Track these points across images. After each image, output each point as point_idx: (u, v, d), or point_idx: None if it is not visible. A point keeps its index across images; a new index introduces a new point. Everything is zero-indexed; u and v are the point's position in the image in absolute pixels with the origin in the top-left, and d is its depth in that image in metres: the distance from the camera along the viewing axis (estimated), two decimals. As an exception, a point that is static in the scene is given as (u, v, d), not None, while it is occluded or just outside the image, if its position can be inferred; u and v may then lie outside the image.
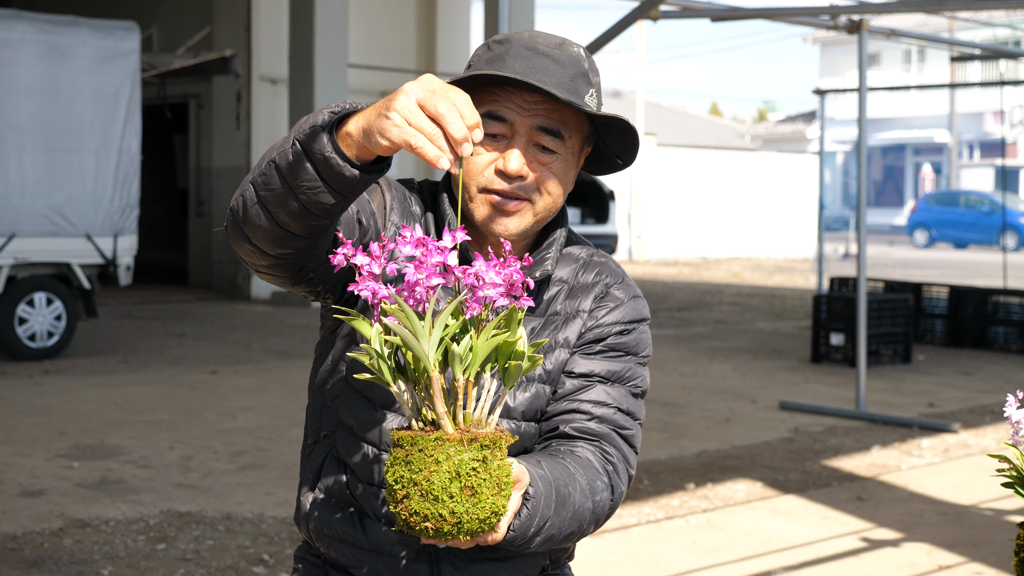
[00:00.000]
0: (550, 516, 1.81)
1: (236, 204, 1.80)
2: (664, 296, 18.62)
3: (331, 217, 1.76)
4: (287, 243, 1.78)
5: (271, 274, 1.88)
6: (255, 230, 1.78)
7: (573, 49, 1.96)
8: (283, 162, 1.71)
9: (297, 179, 1.70)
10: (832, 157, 45.06)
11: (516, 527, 1.76)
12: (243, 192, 1.79)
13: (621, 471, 1.97)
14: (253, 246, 1.81)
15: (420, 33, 19.24)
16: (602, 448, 1.96)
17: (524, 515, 1.76)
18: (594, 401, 1.99)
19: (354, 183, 1.70)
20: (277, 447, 7.44)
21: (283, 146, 1.72)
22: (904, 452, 7.77)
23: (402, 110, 1.60)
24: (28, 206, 10.78)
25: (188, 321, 14.00)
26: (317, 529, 2.03)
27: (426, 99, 1.61)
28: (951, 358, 12.14)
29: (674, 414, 8.80)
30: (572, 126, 1.97)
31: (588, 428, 1.97)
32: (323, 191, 1.70)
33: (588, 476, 1.90)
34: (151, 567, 5.17)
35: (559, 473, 1.85)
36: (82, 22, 11.33)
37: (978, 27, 34.46)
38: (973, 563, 5.49)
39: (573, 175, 2.01)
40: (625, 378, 2.03)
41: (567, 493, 1.84)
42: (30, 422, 8.06)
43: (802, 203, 31.03)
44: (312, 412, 2.08)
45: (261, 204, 1.75)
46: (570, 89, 1.91)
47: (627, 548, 5.65)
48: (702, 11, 8.58)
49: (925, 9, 9.99)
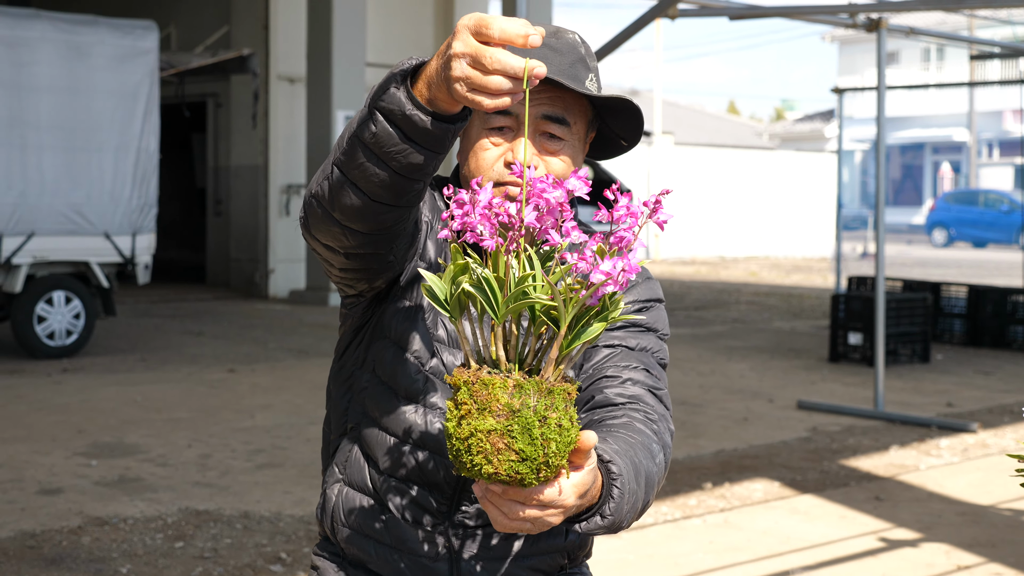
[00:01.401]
0: (636, 490, 1.75)
1: (320, 190, 1.78)
2: (681, 295, 18.59)
3: (424, 177, 1.73)
4: (381, 215, 1.77)
5: (359, 256, 1.86)
6: (346, 211, 1.77)
7: (568, 36, 1.99)
8: (365, 133, 1.68)
9: (383, 145, 1.67)
10: (850, 156, 44.93)
11: (612, 510, 1.69)
12: (327, 176, 1.77)
13: (664, 429, 1.95)
14: (343, 227, 1.80)
15: (437, 32, 19.23)
16: (644, 411, 1.94)
17: (616, 495, 1.69)
18: (624, 366, 1.99)
19: (440, 136, 1.66)
20: (295, 445, 7.45)
21: (361, 119, 1.70)
22: (922, 452, 7.74)
23: (458, 71, 1.55)
24: (47, 205, 10.82)
25: (206, 320, 14.04)
26: (340, 522, 2.04)
27: (478, 53, 1.54)
28: (970, 358, 12.09)
29: (691, 413, 8.79)
30: (576, 112, 1.98)
31: (624, 393, 1.95)
32: (410, 151, 1.67)
33: (643, 440, 1.87)
34: (169, 565, 5.18)
35: (623, 445, 1.81)
36: (101, 21, 11.37)
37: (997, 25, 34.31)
38: (992, 563, 5.46)
39: (581, 160, 2.03)
40: (649, 348, 2.04)
41: (639, 462, 1.79)
42: (49, 420, 8.09)
43: (820, 202, 30.94)
44: (336, 407, 2.09)
45: (351, 182, 1.73)
46: (570, 75, 1.93)
47: (644, 547, 5.64)
48: (720, 9, 8.56)
49: (944, 7, 9.95)
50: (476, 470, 1.53)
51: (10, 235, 10.57)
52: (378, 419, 2.00)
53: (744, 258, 29.40)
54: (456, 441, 1.53)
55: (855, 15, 8.83)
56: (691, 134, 36.60)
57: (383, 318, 2.02)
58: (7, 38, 10.61)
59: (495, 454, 1.51)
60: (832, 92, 15.57)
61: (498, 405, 1.51)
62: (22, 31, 10.71)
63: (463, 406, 1.53)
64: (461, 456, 1.53)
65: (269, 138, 17.21)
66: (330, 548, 2.10)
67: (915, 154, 47.22)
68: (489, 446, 1.51)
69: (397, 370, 1.98)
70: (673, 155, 28.89)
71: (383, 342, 2.01)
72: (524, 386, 1.53)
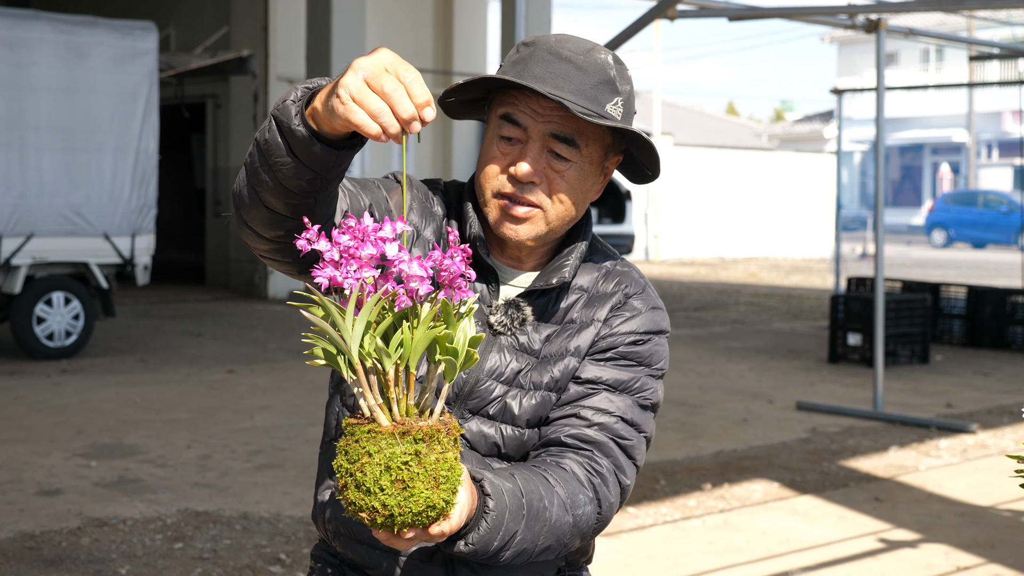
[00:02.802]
0: (518, 530, 1.76)
1: (235, 187, 1.79)
2: (681, 296, 18.59)
3: (311, 196, 1.71)
4: (277, 224, 1.76)
5: (272, 259, 1.86)
6: (249, 212, 1.77)
7: (599, 56, 1.90)
8: (262, 139, 1.69)
9: (272, 155, 1.68)
10: (850, 157, 44.93)
11: (475, 540, 1.71)
12: (239, 174, 1.78)
13: (611, 484, 1.91)
14: (251, 229, 1.81)
15: (437, 33, 19.24)
16: (592, 459, 1.91)
17: (483, 529, 1.71)
18: (596, 408, 1.94)
19: (324, 159, 1.66)
20: (294, 446, 7.45)
21: (267, 125, 1.70)
22: (922, 453, 7.74)
23: (349, 86, 1.57)
24: (46, 206, 10.83)
25: (205, 320, 14.04)
26: (333, 528, 2.03)
27: (373, 76, 1.57)
28: (969, 358, 12.09)
29: (691, 414, 8.79)
30: (589, 135, 1.92)
31: (585, 435, 1.91)
32: (294, 166, 1.67)
33: (569, 489, 1.85)
34: (168, 566, 5.18)
35: (534, 486, 1.80)
36: (100, 22, 11.37)
37: (997, 26, 34.34)
38: (991, 564, 5.47)
39: (593, 184, 1.96)
40: (633, 388, 1.97)
41: (541, 507, 1.79)
42: (48, 421, 8.09)
43: (819, 203, 30.94)
44: (330, 410, 2.09)
45: (249, 184, 1.74)
46: (589, 97, 1.87)
47: (644, 548, 5.64)
48: (719, 10, 8.56)
49: (943, 8, 9.95)
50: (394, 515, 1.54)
51: (9, 236, 10.57)
52: None
53: (743, 259, 29.40)
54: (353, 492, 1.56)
55: (854, 16, 8.83)
56: (690, 135, 36.62)
57: None
58: (6, 39, 10.61)
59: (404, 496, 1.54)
60: (831, 93, 15.57)
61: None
62: (22, 32, 10.71)
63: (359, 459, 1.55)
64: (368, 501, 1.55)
65: (268, 139, 17.19)
66: (328, 550, 2.10)
67: (914, 155, 47.22)
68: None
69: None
70: (672, 156, 28.89)
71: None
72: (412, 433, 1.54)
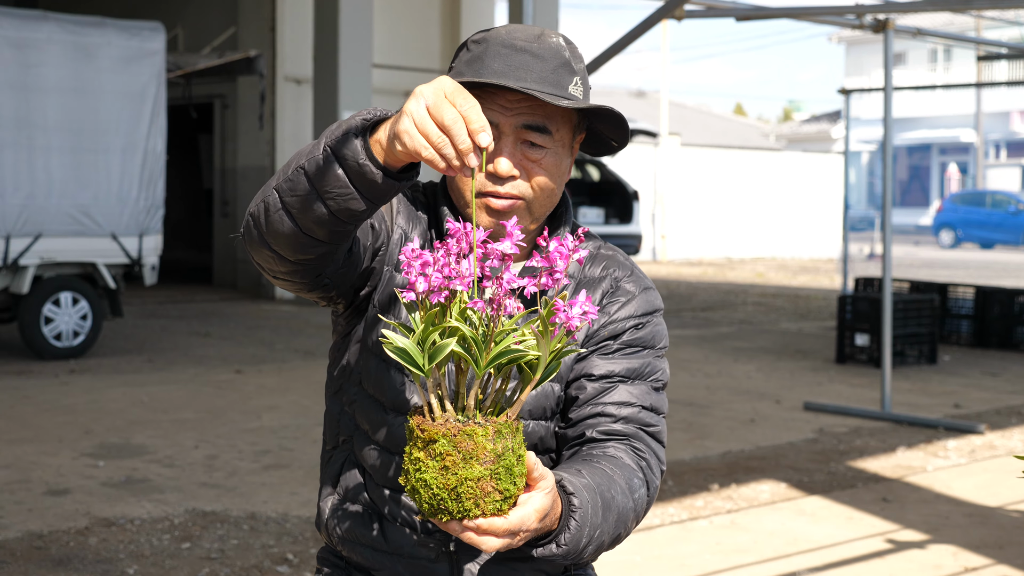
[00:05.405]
0: (599, 524, 1.78)
1: (257, 210, 1.78)
2: (688, 296, 18.58)
3: (357, 223, 1.74)
4: (309, 249, 1.77)
5: (288, 280, 1.86)
6: (277, 236, 1.77)
7: (552, 40, 1.94)
8: (312, 168, 1.69)
9: (327, 185, 1.68)
10: (857, 157, 44.89)
11: (567, 540, 1.74)
12: (265, 198, 1.77)
13: (654, 466, 1.96)
14: (273, 252, 1.80)
15: (444, 33, 19.25)
16: (632, 445, 1.95)
17: (573, 527, 1.74)
18: (618, 403, 1.97)
19: (386, 190, 1.68)
20: (301, 446, 7.46)
21: (312, 152, 1.70)
22: (929, 453, 7.73)
23: (413, 115, 1.58)
24: (54, 206, 10.84)
25: (213, 321, 14.05)
26: (338, 534, 2.04)
27: (436, 105, 1.59)
28: (977, 359, 12.07)
29: (698, 414, 8.78)
30: (558, 118, 1.94)
31: (615, 430, 1.95)
32: (353, 197, 1.68)
33: (625, 475, 1.89)
34: (176, 566, 5.18)
35: (599, 478, 1.83)
36: (108, 23, 11.38)
37: (1005, 26, 34.27)
38: (1000, 565, 5.45)
39: (567, 164, 1.99)
40: (645, 374, 2.01)
41: (610, 497, 1.82)
42: (56, 421, 8.10)
43: (827, 203, 30.91)
44: (330, 418, 2.09)
45: (286, 210, 1.73)
46: (552, 82, 1.90)
47: (651, 549, 5.63)
48: (727, 10, 8.55)
49: (951, 8, 9.93)
50: (463, 515, 1.60)
51: (17, 236, 10.59)
52: (369, 432, 2.00)
53: (751, 259, 29.37)
54: (439, 490, 1.59)
55: (862, 16, 8.82)
56: (698, 135, 36.60)
57: (364, 329, 2.01)
58: (15, 40, 10.62)
59: (483, 497, 1.59)
60: (839, 93, 15.56)
61: (484, 453, 1.58)
62: (29, 32, 10.72)
63: (447, 457, 1.59)
64: (445, 504, 1.59)
65: (276, 139, 17.23)
66: (334, 552, 2.10)
67: (922, 155, 47.14)
68: (479, 491, 1.58)
69: (383, 381, 1.97)
70: (680, 156, 28.87)
71: (366, 353, 1.99)
72: (501, 430, 1.60)
